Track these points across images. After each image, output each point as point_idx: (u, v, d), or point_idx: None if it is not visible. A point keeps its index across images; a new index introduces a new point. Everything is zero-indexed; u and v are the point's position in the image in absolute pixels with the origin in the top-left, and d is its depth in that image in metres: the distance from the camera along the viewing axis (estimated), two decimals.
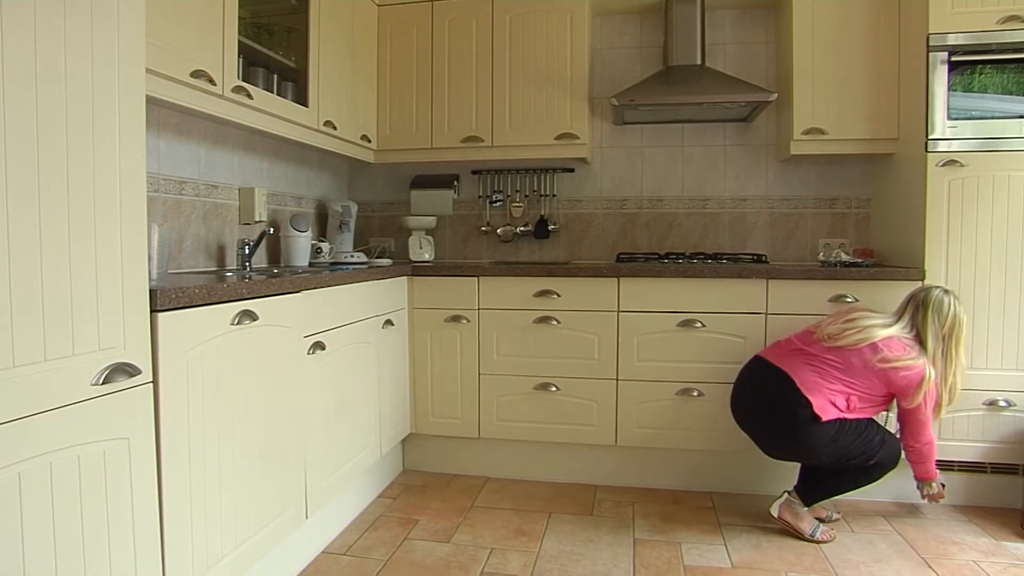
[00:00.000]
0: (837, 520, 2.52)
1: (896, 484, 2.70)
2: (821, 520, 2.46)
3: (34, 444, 1.18)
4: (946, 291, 2.33)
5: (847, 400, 2.24)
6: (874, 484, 2.39)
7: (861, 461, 2.28)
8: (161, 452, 1.48)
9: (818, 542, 2.34)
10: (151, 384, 1.46)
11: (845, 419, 2.24)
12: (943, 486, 2.48)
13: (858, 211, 3.24)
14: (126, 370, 1.38)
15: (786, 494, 2.43)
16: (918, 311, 2.32)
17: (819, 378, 2.25)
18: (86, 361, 1.29)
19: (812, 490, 2.41)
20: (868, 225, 3.23)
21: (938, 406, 2.31)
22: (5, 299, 1.13)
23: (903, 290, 2.57)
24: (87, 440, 1.29)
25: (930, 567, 2.17)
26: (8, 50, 1.13)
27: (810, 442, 2.23)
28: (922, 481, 2.45)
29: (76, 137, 1.27)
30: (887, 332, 2.27)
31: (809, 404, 2.20)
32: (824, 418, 2.20)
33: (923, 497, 2.49)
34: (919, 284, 2.57)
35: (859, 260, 2.84)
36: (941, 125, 2.57)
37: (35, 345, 1.19)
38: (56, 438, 1.23)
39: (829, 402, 2.22)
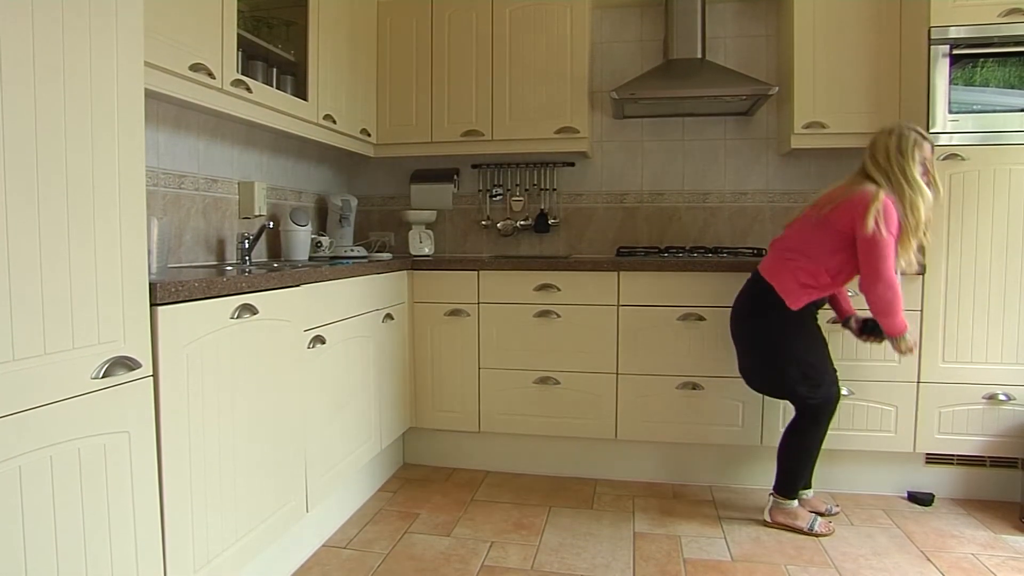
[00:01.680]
0: (836, 513, 2.52)
1: (895, 477, 2.71)
2: (820, 514, 2.46)
3: (34, 437, 1.19)
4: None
5: (811, 274, 2.25)
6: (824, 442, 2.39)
7: (807, 389, 2.30)
8: (161, 446, 1.48)
9: (817, 535, 2.34)
10: (151, 378, 1.46)
11: (803, 327, 2.32)
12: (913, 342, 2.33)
13: None
14: (126, 364, 1.38)
15: (770, 497, 2.43)
16: (863, 164, 2.29)
17: (781, 264, 2.31)
18: (86, 355, 1.29)
19: (785, 480, 2.40)
20: None
21: (903, 236, 2.14)
22: (5, 293, 1.13)
23: (903, 285, 2.56)
24: (87, 433, 1.29)
25: (929, 560, 2.17)
26: (7, 43, 1.13)
27: (773, 337, 2.31)
28: (892, 337, 2.27)
29: (75, 131, 1.27)
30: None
31: (773, 289, 2.27)
32: (790, 303, 2.25)
33: (897, 352, 2.30)
34: (919, 279, 2.57)
35: None
36: (942, 119, 2.56)
37: (35, 339, 1.19)
38: (56, 432, 1.23)
39: (794, 281, 2.26)
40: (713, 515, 2.54)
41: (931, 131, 2.56)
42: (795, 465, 2.38)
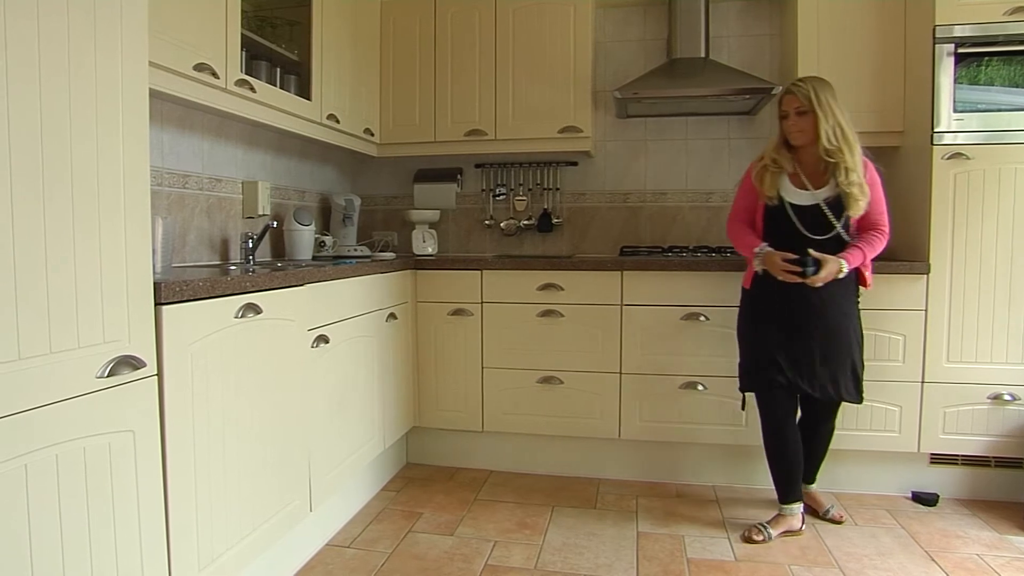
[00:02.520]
0: (833, 516, 2.48)
1: (899, 477, 2.71)
2: (818, 515, 2.47)
3: (40, 436, 1.19)
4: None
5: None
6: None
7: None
8: (166, 445, 1.48)
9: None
10: (155, 377, 1.46)
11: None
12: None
13: None
14: (131, 363, 1.38)
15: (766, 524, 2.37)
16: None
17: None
18: (91, 354, 1.29)
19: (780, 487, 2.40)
20: None
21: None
22: (10, 292, 1.13)
23: (907, 284, 2.57)
24: (92, 432, 1.30)
25: (933, 560, 2.17)
26: (13, 41, 1.13)
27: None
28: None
29: (80, 130, 1.27)
30: None
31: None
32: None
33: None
34: (923, 278, 2.56)
35: None
36: (947, 118, 2.56)
37: (40, 338, 1.19)
38: (62, 430, 1.23)
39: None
40: (717, 515, 2.54)
41: (936, 130, 2.55)
42: (771, 465, 2.44)
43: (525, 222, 3.49)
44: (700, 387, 2.74)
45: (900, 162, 2.90)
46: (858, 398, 2.33)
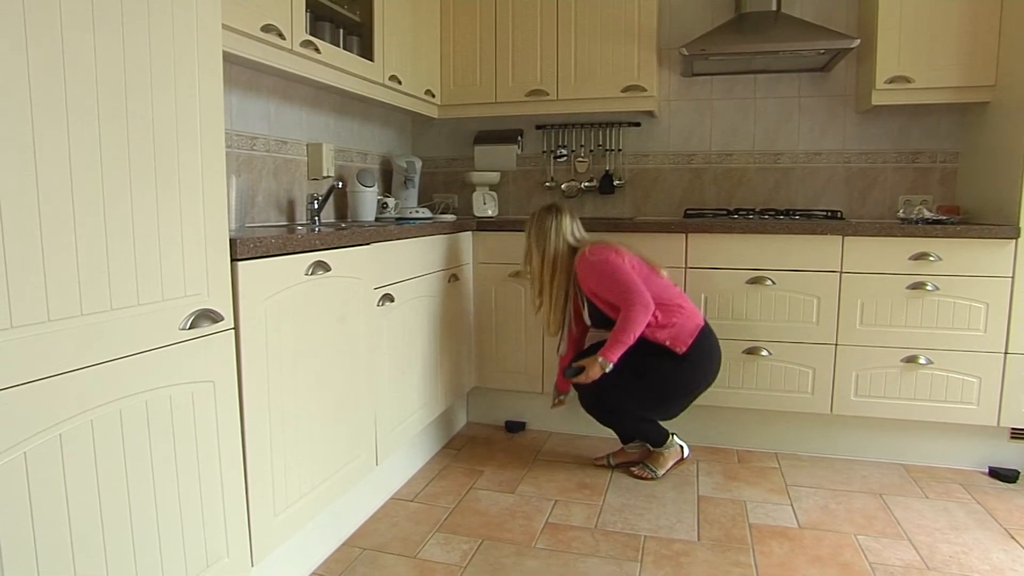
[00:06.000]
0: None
1: (976, 452, 2.60)
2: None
3: (131, 383, 1.25)
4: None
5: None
6: None
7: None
8: (243, 396, 1.54)
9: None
10: (232, 331, 1.51)
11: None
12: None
13: (944, 165, 3.06)
14: (210, 316, 1.43)
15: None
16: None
17: None
18: (174, 306, 1.35)
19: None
20: (955, 181, 3.04)
21: None
22: (102, 246, 1.18)
23: (992, 249, 2.44)
24: (177, 381, 1.36)
25: (1013, 538, 2.09)
26: (98, 7, 1.16)
27: None
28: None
29: (160, 85, 1.30)
30: None
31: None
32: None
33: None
34: (1011, 243, 2.42)
35: (943, 217, 2.68)
36: None
37: (129, 290, 1.24)
38: (150, 378, 1.29)
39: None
40: (779, 482, 2.50)
41: None
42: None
43: (586, 184, 3.45)
44: (765, 352, 2.68)
45: (989, 119, 2.73)
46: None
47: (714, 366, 2.48)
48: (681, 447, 2.62)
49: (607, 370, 2.34)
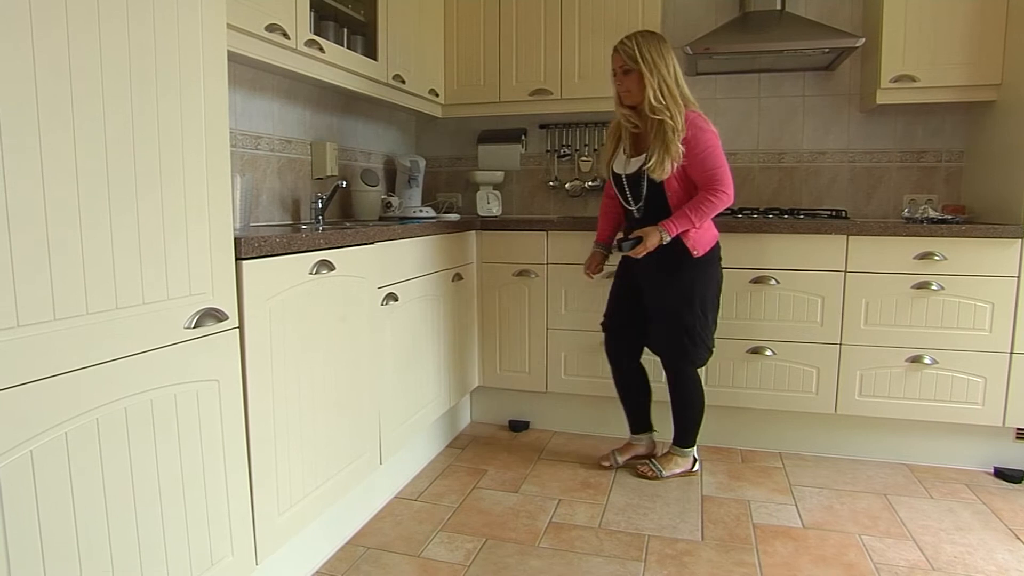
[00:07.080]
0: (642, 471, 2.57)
1: (980, 452, 2.60)
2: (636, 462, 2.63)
3: (136, 382, 1.25)
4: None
5: None
6: None
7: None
8: (247, 396, 1.55)
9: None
10: (237, 330, 1.51)
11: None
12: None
13: (949, 164, 3.05)
14: (215, 315, 1.43)
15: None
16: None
17: None
18: (179, 305, 1.35)
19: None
20: (960, 180, 3.04)
21: None
22: (106, 243, 1.19)
23: (998, 249, 2.43)
24: (182, 380, 1.36)
25: (1018, 539, 2.08)
26: (103, 7, 1.17)
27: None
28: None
29: (165, 87, 1.31)
30: None
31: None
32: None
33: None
34: (1016, 243, 2.41)
35: (948, 216, 2.68)
36: None
37: (135, 289, 1.25)
38: (155, 377, 1.29)
39: None
40: (783, 482, 2.49)
41: None
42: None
43: (590, 183, 3.44)
44: (769, 352, 2.68)
45: (995, 118, 2.72)
46: (685, 361, 2.41)
47: (721, 273, 2.45)
48: (695, 459, 2.57)
49: (665, 242, 2.24)
